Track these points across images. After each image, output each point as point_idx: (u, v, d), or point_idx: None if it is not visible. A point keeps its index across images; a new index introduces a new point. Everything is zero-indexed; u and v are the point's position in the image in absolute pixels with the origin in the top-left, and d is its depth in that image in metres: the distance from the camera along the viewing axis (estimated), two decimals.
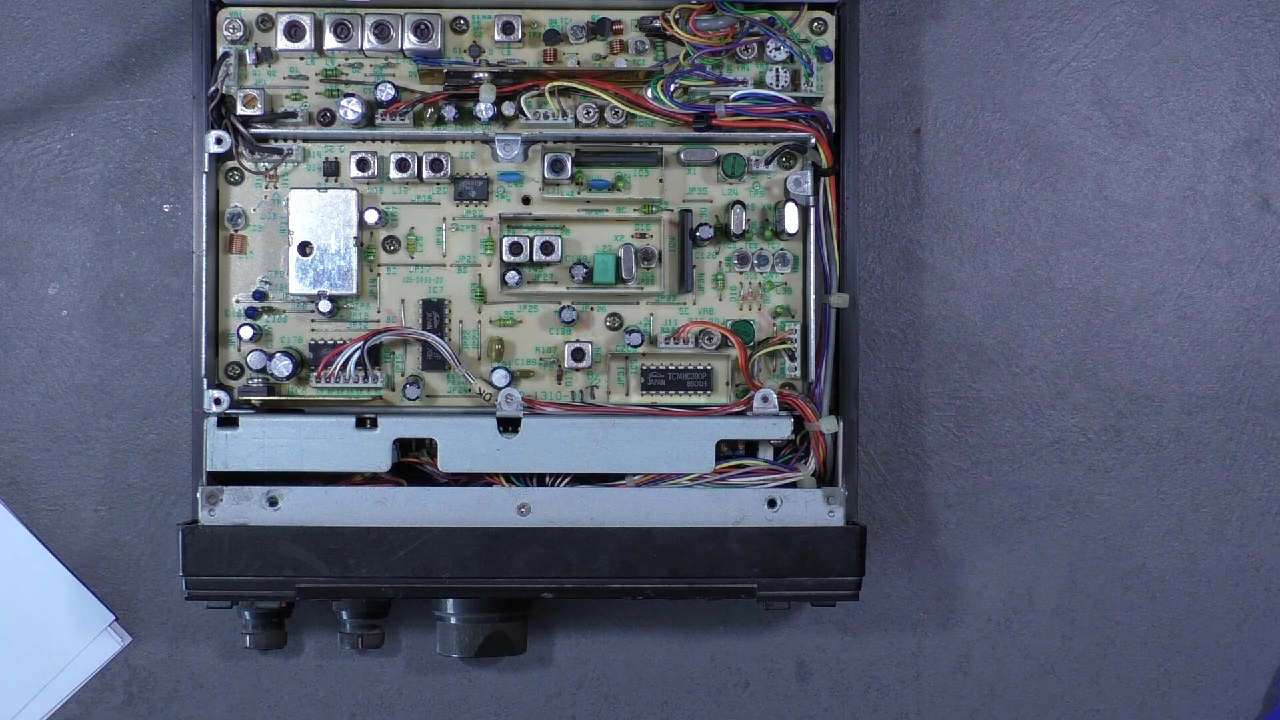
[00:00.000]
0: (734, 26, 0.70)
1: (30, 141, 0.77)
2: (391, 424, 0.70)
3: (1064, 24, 0.79)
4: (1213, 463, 0.79)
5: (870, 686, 0.79)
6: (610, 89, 0.70)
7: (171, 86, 0.77)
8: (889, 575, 0.79)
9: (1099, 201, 0.79)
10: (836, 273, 0.71)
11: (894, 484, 0.78)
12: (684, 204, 0.73)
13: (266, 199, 0.72)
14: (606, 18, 0.72)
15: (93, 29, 0.77)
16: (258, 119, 0.71)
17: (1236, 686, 0.80)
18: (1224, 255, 0.79)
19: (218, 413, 0.70)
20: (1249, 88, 0.79)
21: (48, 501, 0.77)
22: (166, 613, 0.77)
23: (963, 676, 0.79)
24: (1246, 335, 0.79)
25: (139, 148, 0.77)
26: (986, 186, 0.78)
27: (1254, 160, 0.79)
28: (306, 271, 0.71)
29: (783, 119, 0.71)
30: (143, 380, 0.77)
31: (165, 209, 0.77)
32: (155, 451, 0.77)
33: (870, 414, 0.78)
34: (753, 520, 0.70)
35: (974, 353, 0.78)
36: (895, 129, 0.78)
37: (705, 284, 0.73)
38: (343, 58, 0.72)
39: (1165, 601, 0.79)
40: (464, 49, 0.72)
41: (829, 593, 0.70)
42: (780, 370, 0.73)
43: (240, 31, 0.71)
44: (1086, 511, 0.79)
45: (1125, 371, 0.79)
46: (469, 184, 0.72)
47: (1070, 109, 0.79)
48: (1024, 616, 0.79)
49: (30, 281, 0.77)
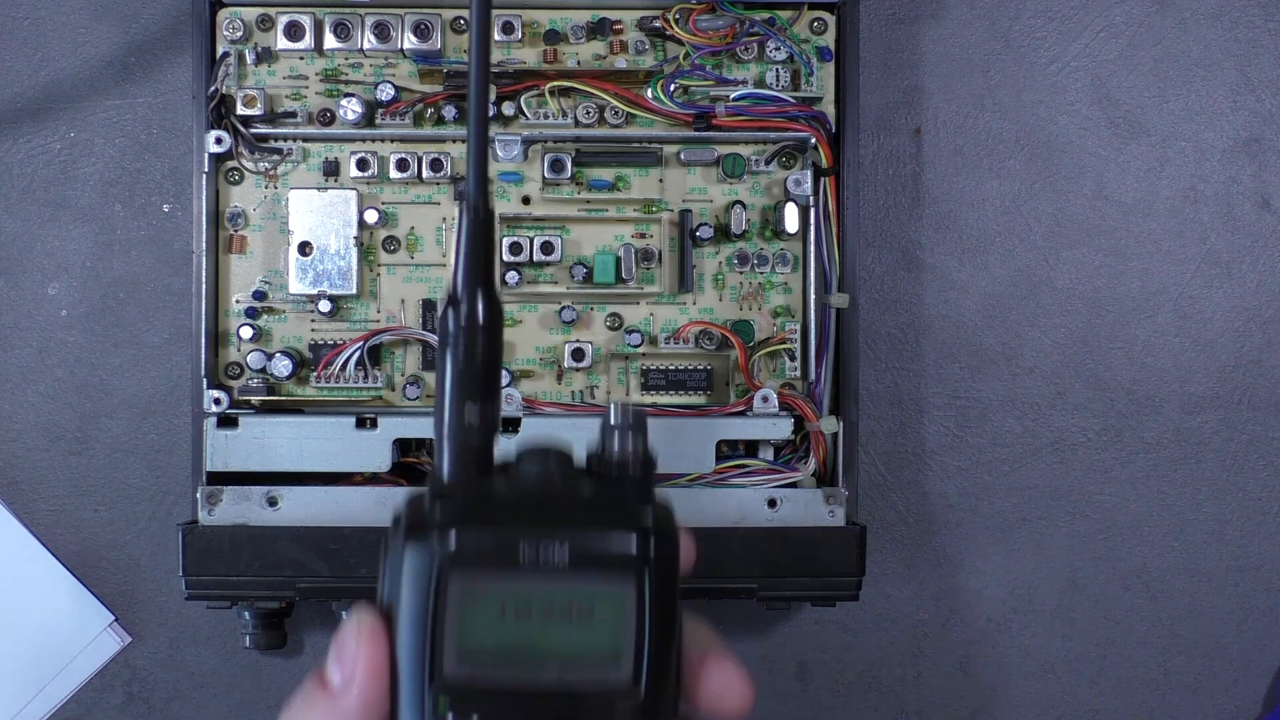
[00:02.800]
0: (734, 26, 0.70)
1: (30, 141, 0.77)
2: (391, 424, 0.70)
3: (1064, 24, 0.79)
4: (1213, 463, 0.79)
5: (870, 686, 0.79)
6: (610, 89, 0.70)
7: (171, 86, 0.77)
8: (889, 575, 0.79)
9: (1099, 201, 0.79)
10: (836, 273, 0.71)
11: (894, 484, 0.78)
12: (684, 204, 0.73)
13: (266, 199, 0.72)
14: (606, 18, 0.72)
15: (93, 29, 0.77)
16: (258, 119, 0.71)
17: (1236, 686, 0.80)
18: (1224, 255, 0.79)
19: (217, 413, 0.70)
20: (1249, 88, 0.79)
21: (48, 501, 0.77)
22: (166, 613, 0.77)
23: (963, 676, 0.79)
24: (1246, 335, 0.79)
25: (139, 148, 0.77)
26: (986, 186, 0.78)
27: (1254, 160, 0.79)
28: (306, 271, 0.71)
29: (783, 119, 0.71)
30: (143, 380, 0.77)
31: (165, 209, 0.77)
32: (155, 451, 0.77)
33: (870, 414, 0.78)
34: (753, 520, 0.70)
35: (974, 353, 0.78)
36: (895, 129, 0.78)
37: (705, 284, 0.73)
38: (343, 58, 0.72)
39: (1165, 601, 0.79)
40: (464, 49, 0.72)
41: (829, 593, 0.70)
42: (780, 370, 0.73)
43: (240, 31, 0.71)
44: (1086, 511, 0.79)
45: (1125, 371, 0.79)
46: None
47: (1070, 109, 0.79)
48: (1024, 616, 0.79)
49: (30, 281, 0.77)
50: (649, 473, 0.46)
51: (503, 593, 0.44)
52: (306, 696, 0.45)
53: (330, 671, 0.45)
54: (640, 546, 0.44)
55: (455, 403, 0.46)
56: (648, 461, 0.46)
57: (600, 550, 0.44)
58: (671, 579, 0.45)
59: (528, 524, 0.44)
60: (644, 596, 0.44)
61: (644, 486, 0.46)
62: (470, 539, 0.43)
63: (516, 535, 0.43)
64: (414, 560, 0.43)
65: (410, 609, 0.44)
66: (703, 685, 0.46)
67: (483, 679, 0.44)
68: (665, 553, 0.44)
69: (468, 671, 0.44)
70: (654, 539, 0.44)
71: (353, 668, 0.44)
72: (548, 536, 0.43)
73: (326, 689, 0.44)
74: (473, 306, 0.46)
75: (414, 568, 0.43)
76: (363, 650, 0.44)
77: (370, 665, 0.44)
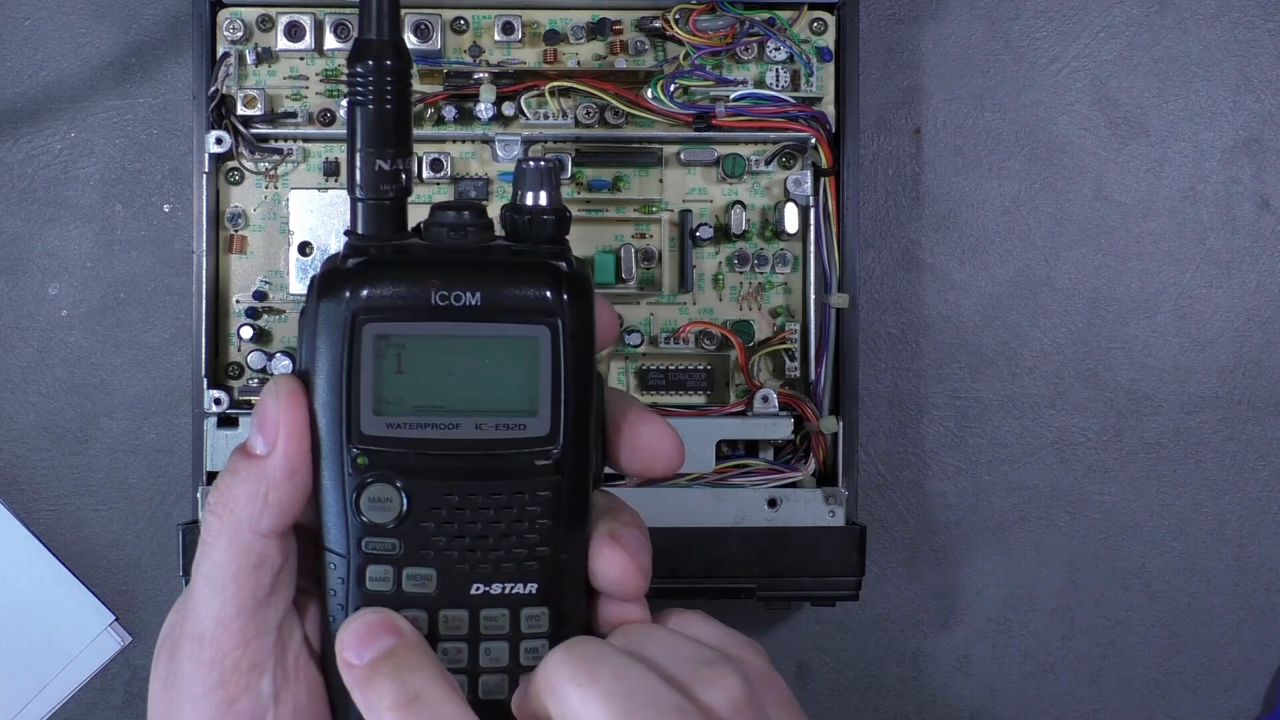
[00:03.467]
0: (734, 26, 0.70)
1: (30, 141, 0.77)
2: None
3: (1064, 24, 0.79)
4: (1213, 463, 0.79)
5: (870, 686, 0.79)
6: (610, 89, 0.70)
7: (171, 86, 0.77)
8: (889, 575, 0.79)
9: (1099, 201, 0.79)
10: (836, 273, 0.71)
11: (894, 484, 0.78)
12: (684, 204, 0.73)
13: (266, 199, 0.72)
14: (606, 18, 0.72)
15: (93, 29, 0.77)
16: (258, 119, 0.71)
17: (1236, 686, 0.80)
18: (1224, 255, 0.79)
19: (218, 413, 0.70)
20: (1249, 88, 0.79)
21: (48, 501, 0.77)
22: (166, 613, 0.77)
23: (963, 676, 0.79)
24: (1246, 335, 0.79)
25: (139, 148, 0.77)
26: (986, 186, 0.78)
27: (1254, 160, 0.79)
28: (307, 271, 0.71)
29: (783, 119, 0.71)
30: (143, 380, 0.77)
31: (165, 209, 0.77)
32: (155, 451, 0.77)
33: (870, 414, 0.78)
34: (753, 520, 0.70)
35: (974, 353, 0.78)
36: (895, 129, 0.78)
37: (705, 284, 0.73)
38: (343, 58, 0.72)
39: (1165, 601, 0.79)
40: (464, 49, 0.72)
41: (829, 593, 0.70)
42: (780, 370, 0.73)
43: (240, 31, 0.71)
44: (1086, 511, 0.79)
45: (1125, 371, 0.79)
46: (469, 184, 0.72)
47: (1070, 109, 0.79)
48: (1024, 616, 0.79)
49: (30, 281, 0.77)
50: (562, 225, 0.46)
51: (416, 344, 0.43)
52: (232, 469, 0.45)
53: (253, 440, 0.45)
54: (553, 296, 0.44)
55: (366, 156, 0.45)
56: (560, 214, 0.46)
57: (513, 299, 0.43)
58: (588, 333, 0.44)
59: (441, 276, 0.43)
60: (559, 347, 0.44)
61: (558, 239, 0.45)
62: (382, 290, 0.43)
63: (429, 286, 0.43)
64: (328, 316, 0.43)
65: (325, 366, 0.43)
66: (629, 440, 0.46)
67: (399, 434, 0.44)
68: (579, 306, 0.44)
69: (383, 426, 0.44)
70: (566, 291, 0.44)
71: (274, 432, 0.44)
72: (460, 287, 0.43)
73: (250, 456, 0.44)
74: (381, 54, 0.45)
75: (328, 324, 0.43)
76: (283, 413, 0.44)
77: (291, 426, 0.44)
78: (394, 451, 0.44)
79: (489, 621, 0.45)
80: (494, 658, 0.45)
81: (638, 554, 0.45)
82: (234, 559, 0.44)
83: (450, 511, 0.44)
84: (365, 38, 0.45)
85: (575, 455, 0.45)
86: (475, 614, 0.45)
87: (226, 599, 0.44)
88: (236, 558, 0.44)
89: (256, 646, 0.45)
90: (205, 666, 0.45)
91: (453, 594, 0.45)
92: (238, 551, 0.44)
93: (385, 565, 0.45)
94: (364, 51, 0.45)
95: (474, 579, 0.45)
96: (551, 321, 0.44)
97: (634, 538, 0.46)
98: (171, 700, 0.45)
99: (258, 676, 0.45)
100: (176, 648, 0.45)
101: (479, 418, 0.44)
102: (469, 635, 0.45)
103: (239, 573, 0.44)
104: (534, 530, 0.45)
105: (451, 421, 0.44)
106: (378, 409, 0.44)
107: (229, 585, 0.44)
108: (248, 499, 0.44)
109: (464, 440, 0.44)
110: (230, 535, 0.44)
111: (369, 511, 0.44)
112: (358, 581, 0.45)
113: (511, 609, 0.45)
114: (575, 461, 0.45)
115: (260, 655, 0.45)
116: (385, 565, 0.45)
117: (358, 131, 0.46)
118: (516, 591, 0.45)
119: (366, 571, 0.45)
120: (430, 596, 0.45)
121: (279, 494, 0.44)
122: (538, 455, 0.44)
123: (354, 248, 0.45)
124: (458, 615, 0.45)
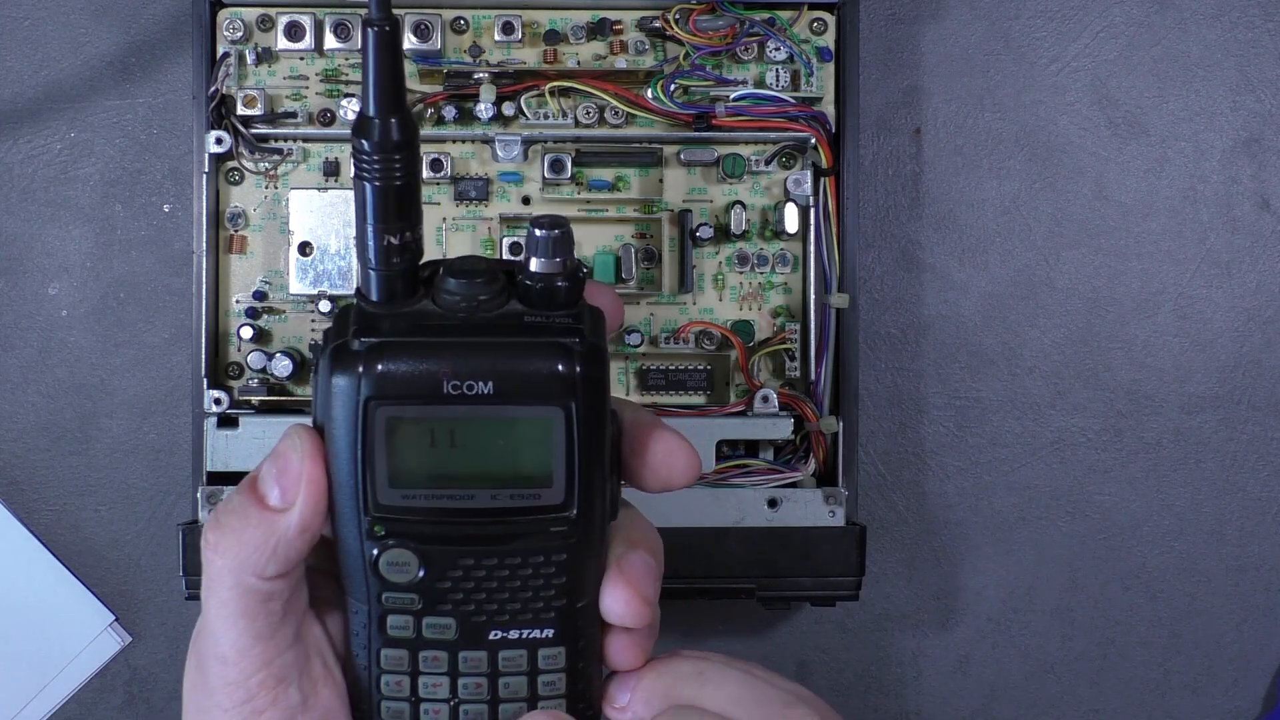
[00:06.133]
0: (734, 26, 0.70)
1: (30, 141, 0.77)
2: None
3: (1064, 24, 0.79)
4: (1213, 463, 0.79)
5: (870, 686, 0.79)
6: (610, 89, 0.70)
7: (171, 86, 0.77)
8: (889, 575, 0.79)
9: (1099, 201, 0.79)
10: (836, 273, 0.71)
11: (894, 484, 0.78)
12: (684, 204, 0.73)
13: (266, 199, 0.72)
14: (606, 18, 0.72)
15: (93, 29, 0.77)
16: (258, 119, 0.71)
17: (1236, 686, 0.80)
18: (1224, 255, 0.79)
19: (218, 413, 0.70)
20: (1249, 88, 0.79)
21: (48, 501, 0.77)
22: (166, 613, 0.77)
23: (963, 676, 0.79)
24: (1246, 335, 0.79)
25: (139, 148, 0.77)
26: (986, 186, 0.78)
27: (1254, 160, 0.79)
28: (306, 271, 0.71)
29: (783, 119, 0.71)
30: (143, 380, 0.77)
31: (165, 209, 0.77)
32: (155, 451, 0.77)
33: (870, 414, 0.78)
34: (753, 520, 0.70)
35: (974, 353, 0.79)
36: (895, 129, 0.78)
37: (705, 284, 0.73)
38: (343, 58, 0.72)
39: (1165, 601, 0.79)
40: (464, 49, 0.72)
41: (829, 593, 0.70)
42: (780, 370, 0.73)
43: (240, 31, 0.71)
44: (1086, 511, 0.79)
45: (1125, 371, 0.79)
46: (469, 184, 0.72)
47: (1070, 109, 0.79)
48: (1024, 616, 0.79)
49: (30, 281, 0.77)
50: (576, 289, 0.45)
51: (429, 424, 0.43)
52: (241, 512, 0.44)
53: (267, 488, 0.44)
54: (566, 377, 0.43)
55: (377, 231, 0.44)
56: (574, 277, 0.45)
57: (525, 383, 0.43)
58: (600, 401, 0.44)
59: (452, 353, 0.43)
60: (573, 424, 0.43)
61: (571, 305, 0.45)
62: (394, 377, 0.43)
63: (440, 375, 0.43)
64: (341, 394, 0.43)
65: (341, 437, 0.43)
66: (648, 459, 0.46)
67: (415, 504, 0.44)
68: (592, 375, 0.43)
69: (399, 497, 0.44)
70: (579, 365, 0.43)
71: (295, 489, 0.44)
72: (472, 376, 0.43)
73: (263, 505, 0.44)
74: (386, 127, 0.44)
75: (342, 401, 0.43)
76: (306, 471, 0.43)
77: (312, 488, 0.44)
78: (410, 520, 0.44)
79: (507, 661, 0.45)
80: (513, 690, 0.46)
81: (643, 585, 0.45)
82: (240, 598, 0.44)
83: (467, 573, 0.45)
84: (367, 114, 0.44)
85: (589, 515, 0.45)
86: (494, 655, 0.45)
87: (240, 631, 0.44)
88: (242, 597, 0.44)
89: (279, 664, 0.44)
90: (231, 685, 0.44)
91: (472, 639, 0.45)
92: (243, 592, 0.44)
93: (405, 616, 0.45)
94: (367, 129, 0.44)
95: (492, 627, 0.45)
96: (564, 402, 0.43)
97: (640, 565, 0.46)
98: (203, 707, 0.45)
99: (285, 689, 0.44)
100: (204, 660, 0.45)
101: (494, 489, 0.44)
102: (489, 672, 0.46)
103: (248, 609, 0.44)
104: (550, 586, 0.45)
105: (467, 493, 0.44)
106: (393, 482, 0.44)
107: (239, 620, 0.44)
108: (255, 547, 0.43)
109: (479, 509, 0.44)
110: (234, 578, 0.44)
111: (388, 573, 0.44)
112: (379, 629, 0.45)
113: (529, 650, 0.46)
114: (590, 520, 0.45)
115: (284, 670, 0.44)
116: (405, 616, 0.45)
117: (366, 207, 0.45)
118: (534, 636, 0.45)
119: (387, 620, 0.45)
120: (450, 641, 0.45)
121: (288, 549, 0.44)
122: (553, 522, 0.44)
123: (364, 317, 0.44)
124: (477, 656, 0.45)
